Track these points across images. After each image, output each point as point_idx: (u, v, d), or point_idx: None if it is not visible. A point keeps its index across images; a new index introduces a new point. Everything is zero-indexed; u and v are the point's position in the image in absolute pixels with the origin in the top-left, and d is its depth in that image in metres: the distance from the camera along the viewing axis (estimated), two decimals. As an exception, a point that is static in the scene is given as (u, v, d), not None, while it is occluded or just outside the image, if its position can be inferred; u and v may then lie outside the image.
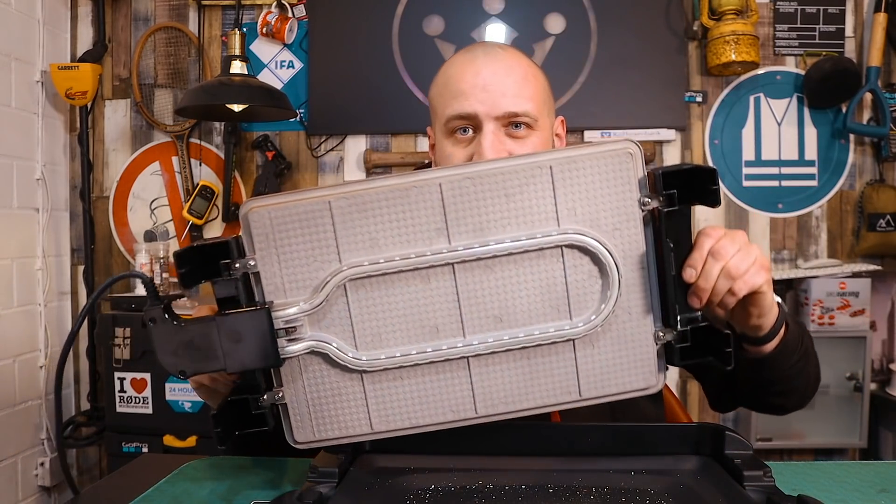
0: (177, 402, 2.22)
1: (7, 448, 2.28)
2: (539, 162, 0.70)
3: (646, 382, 0.76)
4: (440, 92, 1.00)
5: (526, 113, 0.95)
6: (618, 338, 0.75)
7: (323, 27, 2.52)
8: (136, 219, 2.62)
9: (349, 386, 0.75)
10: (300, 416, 0.76)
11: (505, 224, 0.71)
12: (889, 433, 2.37)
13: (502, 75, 0.95)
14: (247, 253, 0.72)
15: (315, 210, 0.70)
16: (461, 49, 1.04)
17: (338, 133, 2.56)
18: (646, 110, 2.46)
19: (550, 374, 0.75)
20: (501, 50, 0.99)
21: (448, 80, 0.98)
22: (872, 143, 2.49)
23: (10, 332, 2.30)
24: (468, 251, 0.71)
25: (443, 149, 0.99)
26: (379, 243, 0.70)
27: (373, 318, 0.73)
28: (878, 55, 2.37)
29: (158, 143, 2.61)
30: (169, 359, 0.71)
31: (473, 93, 0.95)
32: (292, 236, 0.70)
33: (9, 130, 2.32)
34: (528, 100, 0.96)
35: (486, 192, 0.70)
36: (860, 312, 2.34)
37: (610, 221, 0.72)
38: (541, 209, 0.71)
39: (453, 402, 0.75)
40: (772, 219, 2.52)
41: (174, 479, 0.89)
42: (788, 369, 0.90)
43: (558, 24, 2.48)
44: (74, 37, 2.62)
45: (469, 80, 0.95)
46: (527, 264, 0.72)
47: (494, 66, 0.96)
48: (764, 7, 2.49)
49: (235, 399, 0.75)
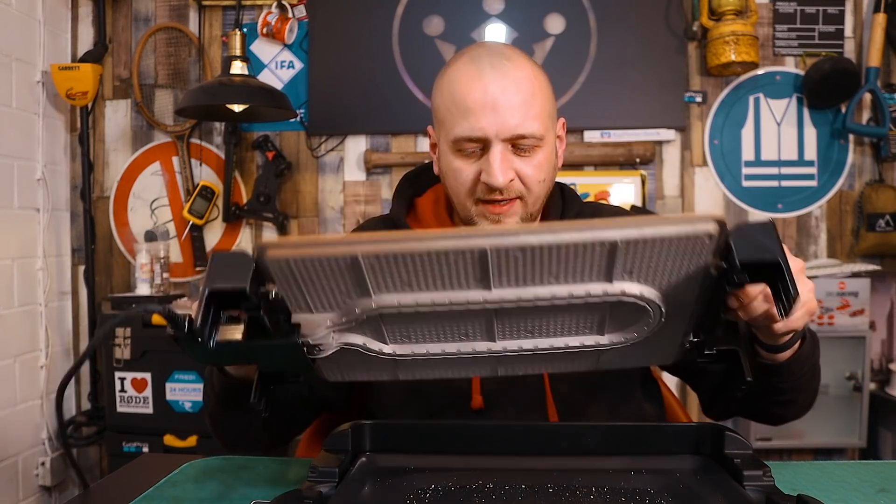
0: (177, 402, 2.22)
1: (8, 448, 2.28)
2: (604, 237, 0.62)
3: (662, 361, 0.82)
4: (447, 105, 0.98)
5: (533, 134, 0.95)
6: (645, 343, 0.75)
7: (323, 27, 2.52)
8: (136, 219, 2.62)
9: (378, 360, 0.76)
10: (331, 371, 0.79)
11: (552, 279, 0.66)
12: (888, 433, 2.37)
13: (512, 93, 0.95)
14: (266, 282, 0.67)
15: (342, 262, 0.64)
16: (464, 52, 1.02)
17: (338, 133, 2.56)
18: (645, 110, 2.47)
19: (571, 362, 0.79)
20: (508, 61, 0.97)
21: (454, 95, 0.97)
22: (872, 144, 2.49)
23: (10, 332, 2.31)
24: (509, 300, 0.67)
25: (450, 161, 0.99)
26: (413, 286, 0.67)
27: (403, 328, 0.72)
28: (878, 55, 2.37)
29: (159, 143, 2.61)
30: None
31: (483, 113, 0.94)
32: (317, 281, 0.66)
33: (9, 130, 2.32)
34: (535, 118, 0.96)
35: (537, 258, 0.64)
36: (860, 312, 2.34)
37: (667, 282, 0.67)
38: (594, 270, 0.65)
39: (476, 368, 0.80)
40: (771, 219, 2.52)
41: (174, 479, 0.89)
42: (796, 381, 0.91)
43: (558, 25, 2.49)
44: (75, 37, 2.62)
45: (478, 99, 0.94)
46: (569, 308, 0.70)
47: (503, 84, 0.95)
48: (763, 7, 2.49)
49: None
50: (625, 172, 2.49)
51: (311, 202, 2.58)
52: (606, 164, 2.49)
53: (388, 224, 1.10)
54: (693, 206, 2.52)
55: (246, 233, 2.60)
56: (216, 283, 0.64)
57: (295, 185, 2.58)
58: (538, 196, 1.00)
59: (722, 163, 2.51)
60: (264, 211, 2.52)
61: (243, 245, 2.59)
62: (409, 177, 1.14)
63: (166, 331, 0.65)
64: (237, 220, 2.57)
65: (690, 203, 2.52)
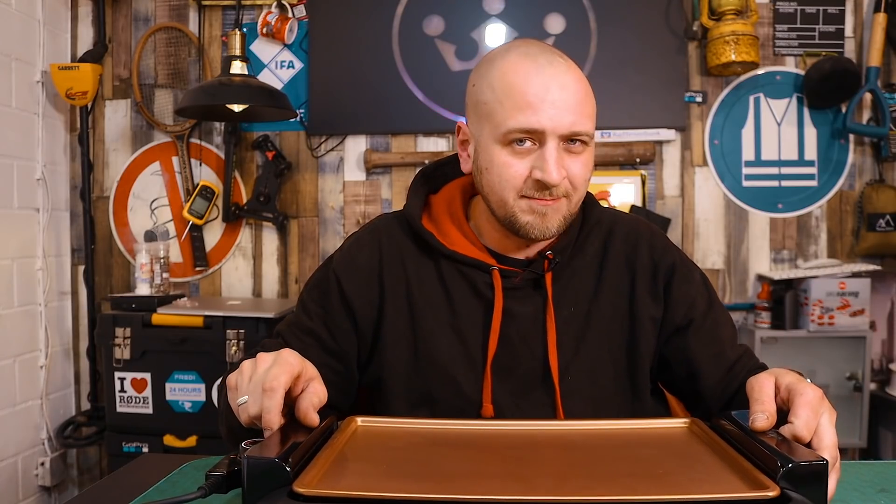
0: (177, 402, 2.22)
1: (7, 448, 2.28)
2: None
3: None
4: (498, 98, 0.96)
5: (587, 132, 0.96)
6: None
7: (323, 27, 2.52)
8: (136, 219, 2.62)
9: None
10: None
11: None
12: (889, 433, 2.37)
13: (570, 91, 0.95)
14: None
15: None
16: (508, 48, 1.00)
17: (338, 133, 2.56)
18: (646, 110, 2.47)
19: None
20: (562, 60, 0.98)
21: (510, 87, 0.95)
22: (872, 143, 2.49)
23: (10, 332, 2.31)
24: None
25: (496, 155, 0.97)
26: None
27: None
28: (878, 55, 2.37)
29: (159, 143, 2.61)
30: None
31: (542, 108, 0.93)
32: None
33: (9, 130, 2.32)
34: (588, 118, 0.97)
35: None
36: (860, 312, 2.34)
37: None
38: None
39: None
40: (772, 219, 2.52)
41: (174, 479, 0.89)
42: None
43: (558, 24, 2.49)
44: (75, 37, 2.62)
45: (538, 94, 0.94)
46: None
47: (562, 80, 0.95)
48: (764, 7, 2.49)
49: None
50: (625, 172, 2.49)
51: (310, 202, 2.58)
52: (606, 164, 2.49)
53: (404, 223, 1.08)
54: (693, 206, 2.52)
55: (246, 233, 2.60)
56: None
57: (295, 185, 2.58)
58: (580, 197, 1.00)
59: (722, 163, 2.51)
60: (264, 211, 2.52)
61: (243, 245, 2.59)
62: (426, 172, 1.12)
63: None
64: (237, 220, 2.57)
65: (690, 203, 2.52)
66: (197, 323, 2.19)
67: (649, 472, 0.72)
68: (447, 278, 1.03)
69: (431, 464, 0.76)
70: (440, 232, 1.05)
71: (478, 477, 0.72)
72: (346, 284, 1.04)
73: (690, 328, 1.03)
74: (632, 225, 1.10)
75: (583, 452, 0.79)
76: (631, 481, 0.70)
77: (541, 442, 0.82)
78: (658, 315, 1.04)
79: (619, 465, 0.75)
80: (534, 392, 1.01)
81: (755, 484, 0.65)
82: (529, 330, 1.01)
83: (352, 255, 1.07)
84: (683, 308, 1.04)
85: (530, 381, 1.01)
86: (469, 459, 0.77)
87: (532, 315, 1.01)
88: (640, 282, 1.04)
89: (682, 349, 1.03)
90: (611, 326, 1.03)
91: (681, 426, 0.86)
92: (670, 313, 1.04)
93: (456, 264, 1.03)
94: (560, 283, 1.03)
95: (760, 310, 2.42)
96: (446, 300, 1.02)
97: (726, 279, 2.53)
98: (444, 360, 1.01)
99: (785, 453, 0.66)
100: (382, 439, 0.83)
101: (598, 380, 1.02)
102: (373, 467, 0.74)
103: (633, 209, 2.44)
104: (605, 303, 1.03)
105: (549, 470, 0.75)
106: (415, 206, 1.07)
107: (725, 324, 1.06)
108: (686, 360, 1.03)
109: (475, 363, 1.01)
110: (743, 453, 0.72)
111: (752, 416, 0.74)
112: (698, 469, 0.72)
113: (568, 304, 1.03)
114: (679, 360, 1.04)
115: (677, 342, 1.04)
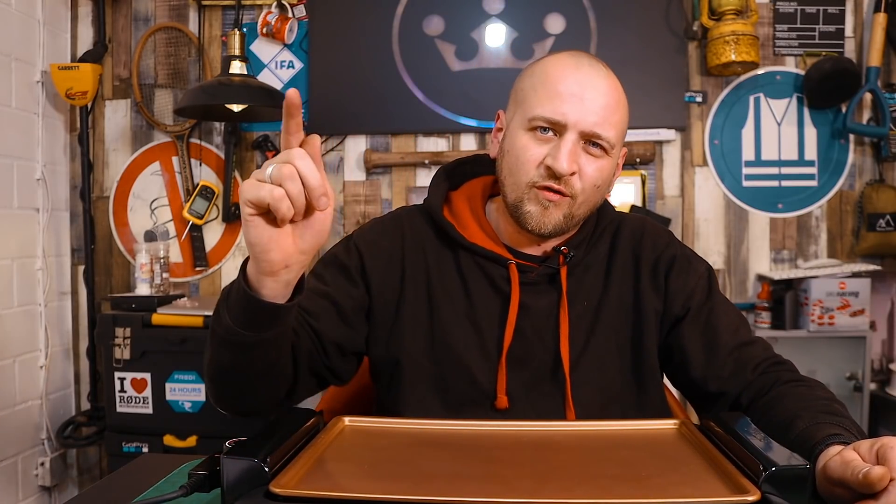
0: (177, 402, 2.22)
1: (7, 448, 2.28)
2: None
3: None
4: (534, 85, 1.00)
5: (607, 139, 0.98)
6: None
7: (323, 27, 2.52)
8: (136, 219, 2.62)
9: None
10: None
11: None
12: (889, 433, 2.36)
13: (602, 93, 0.98)
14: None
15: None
16: (565, 52, 1.03)
17: (338, 133, 2.56)
18: (646, 110, 2.46)
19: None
20: (605, 69, 1.01)
21: (548, 76, 0.99)
22: (872, 143, 2.49)
23: (10, 332, 2.30)
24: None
25: (518, 138, 1.00)
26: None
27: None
28: (878, 55, 2.37)
29: (158, 143, 2.61)
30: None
31: (570, 100, 0.96)
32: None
33: (9, 130, 2.32)
34: (613, 126, 0.99)
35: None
36: (860, 312, 2.34)
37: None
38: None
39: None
40: (772, 219, 2.52)
41: (174, 479, 0.89)
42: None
43: (558, 24, 2.48)
44: (75, 37, 2.62)
45: (570, 87, 0.97)
46: None
47: (596, 82, 0.98)
48: (764, 7, 2.49)
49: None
50: (625, 172, 2.49)
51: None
52: (606, 164, 2.48)
53: (425, 214, 1.10)
54: (693, 206, 2.52)
55: (246, 233, 2.60)
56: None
57: (295, 185, 2.57)
58: (586, 201, 1.01)
59: (722, 163, 2.51)
60: (264, 211, 2.51)
61: (243, 245, 2.59)
62: (448, 169, 1.14)
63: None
64: (237, 220, 2.57)
65: (691, 203, 2.52)
66: (197, 323, 2.19)
67: (632, 474, 0.72)
68: (465, 270, 1.05)
69: (413, 464, 0.76)
70: (460, 224, 1.07)
71: (457, 478, 0.72)
72: (367, 260, 1.06)
73: (686, 318, 1.05)
74: (638, 222, 1.12)
75: (568, 454, 0.79)
76: (611, 483, 0.70)
77: (528, 443, 0.82)
78: (660, 308, 1.06)
79: (603, 467, 0.74)
80: (545, 384, 1.02)
81: (737, 488, 0.65)
82: (543, 324, 1.03)
83: (375, 235, 1.09)
84: (681, 299, 1.05)
85: (542, 374, 1.03)
86: (451, 460, 0.77)
87: (546, 309, 1.03)
88: (644, 276, 1.06)
89: (677, 338, 1.05)
90: (618, 320, 1.05)
91: (670, 427, 0.86)
92: (669, 304, 1.05)
93: (474, 257, 1.05)
94: (573, 279, 1.05)
95: (760, 310, 2.42)
96: (464, 292, 1.05)
97: (726, 279, 2.53)
98: (459, 349, 1.03)
99: (769, 457, 0.66)
100: (368, 439, 0.84)
101: (606, 372, 1.04)
102: (354, 467, 0.75)
103: (633, 209, 2.44)
104: (614, 297, 1.06)
105: (531, 471, 0.74)
106: (436, 198, 1.10)
107: (725, 313, 1.06)
108: (679, 349, 1.04)
109: (490, 355, 1.03)
110: (729, 456, 0.72)
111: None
112: (682, 471, 0.72)
113: (581, 299, 1.05)
114: (675, 350, 1.05)
115: (675, 333, 1.05)
